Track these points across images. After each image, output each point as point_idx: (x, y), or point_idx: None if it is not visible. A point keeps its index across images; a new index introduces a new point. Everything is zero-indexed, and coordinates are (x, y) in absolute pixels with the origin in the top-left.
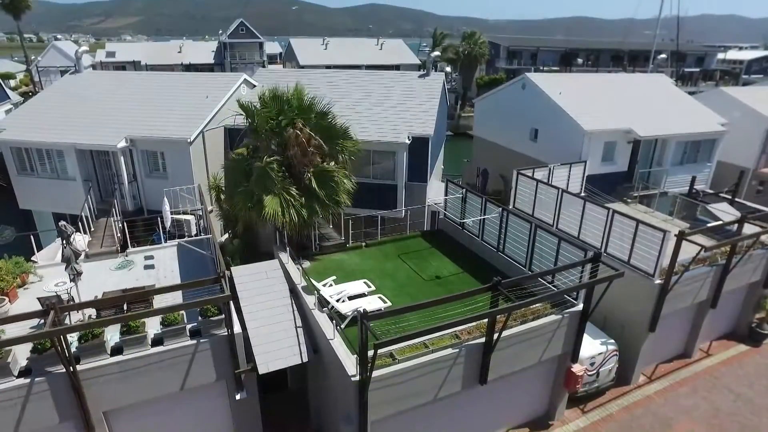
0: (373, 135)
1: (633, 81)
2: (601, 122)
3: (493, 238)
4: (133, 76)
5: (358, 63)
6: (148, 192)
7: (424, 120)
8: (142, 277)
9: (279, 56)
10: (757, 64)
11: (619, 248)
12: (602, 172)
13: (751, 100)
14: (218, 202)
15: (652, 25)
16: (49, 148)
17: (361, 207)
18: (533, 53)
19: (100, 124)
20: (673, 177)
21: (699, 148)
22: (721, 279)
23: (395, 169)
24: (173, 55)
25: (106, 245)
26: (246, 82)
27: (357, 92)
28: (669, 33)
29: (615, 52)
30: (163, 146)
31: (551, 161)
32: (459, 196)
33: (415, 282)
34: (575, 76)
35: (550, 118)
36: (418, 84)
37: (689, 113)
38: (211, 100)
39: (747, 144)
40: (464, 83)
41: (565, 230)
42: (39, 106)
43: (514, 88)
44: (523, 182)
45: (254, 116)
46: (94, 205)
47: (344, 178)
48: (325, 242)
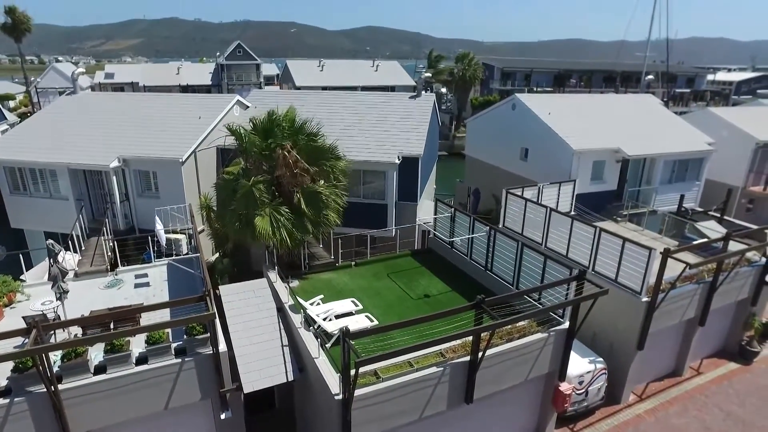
0: (364, 155)
1: (621, 101)
2: (590, 142)
3: (481, 256)
4: (127, 96)
5: (354, 84)
6: (139, 211)
7: (414, 140)
8: (131, 296)
9: (276, 78)
10: (746, 85)
11: (607, 266)
12: (592, 191)
13: (738, 120)
14: (209, 222)
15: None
16: (43, 167)
17: (352, 226)
18: (527, 74)
19: (94, 144)
20: (662, 195)
21: (687, 166)
22: (708, 296)
23: (385, 189)
24: (171, 76)
25: (96, 264)
26: (239, 103)
27: (349, 113)
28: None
29: (607, 73)
30: (155, 166)
31: (541, 180)
32: (448, 216)
33: (403, 301)
34: (564, 97)
35: (539, 138)
36: (409, 105)
37: (677, 133)
38: (203, 121)
39: (735, 163)
40: (459, 104)
41: (554, 249)
42: (34, 126)
43: (505, 108)
44: (512, 201)
45: (242, 139)
46: (85, 224)
47: (334, 197)
48: (315, 261)
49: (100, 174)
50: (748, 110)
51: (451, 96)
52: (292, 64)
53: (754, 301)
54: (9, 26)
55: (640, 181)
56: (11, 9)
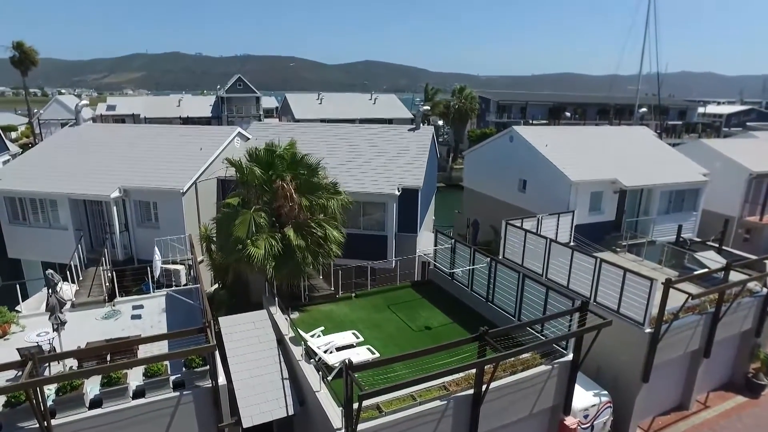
0: (364, 187)
1: (616, 133)
2: (587, 173)
3: (482, 288)
4: (129, 128)
5: (352, 117)
6: (139, 241)
7: (413, 172)
8: (128, 327)
9: (275, 110)
10: (735, 118)
11: (608, 297)
12: (590, 221)
13: (731, 151)
14: (209, 252)
15: (635, 81)
16: (43, 197)
17: (352, 257)
18: (522, 107)
19: (95, 174)
20: (660, 226)
21: (683, 197)
22: (711, 327)
23: (385, 220)
24: (172, 108)
25: (93, 294)
26: (240, 135)
27: (348, 145)
28: (651, 88)
29: (601, 106)
30: (155, 196)
31: (540, 211)
32: (448, 247)
33: (404, 333)
34: (561, 129)
35: (537, 170)
36: (408, 137)
37: (672, 164)
38: (204, 152)
39: (730, 193)
40: (456, 136)
41: (555, 280)
42: (36, 156)
43: (503, 140)
44: (512, 232)
45: (243, 171)
46: (84, 255)
47: (333, 229)
48: (315, 293)
49: (100, 204)
50: (739, 142)
51: (448, 128)
52: (291, 97)
53: (758, 332)
54: (16, 60)
55: (637, 212)
56: (19, 44)
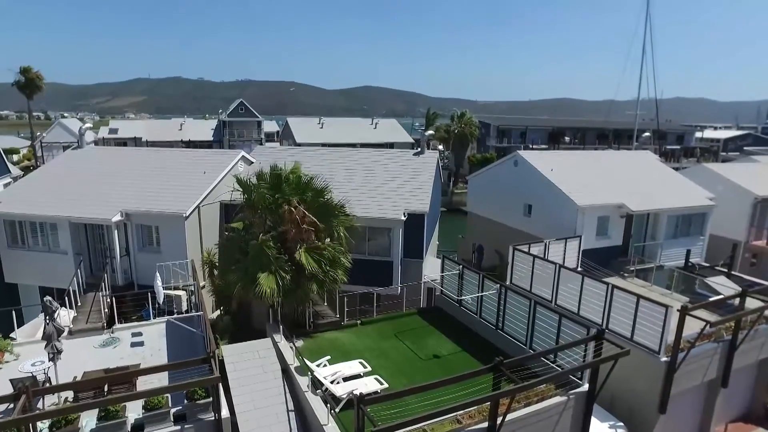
0: (369, 211)
1: (621, 158)
2: (594, 197)
3: (491, 315)
4: (132, 151)
5: (353, 141)
6: (140, 266)
7: (419, 197)
8: (127, 355)
9: (276, 134)
10: (732, 143)
11: (621, 324)
12: (597, 246)
13: (734, 175)
14: (211, 278)
15: (632, 106)
16: (44, 221)
17: (357, 284)
18: (522, 132)
19: (97, 197)
20: (668, 250)
21: (690, 221)
22: (729, 356)
23: (391, 246)
24: (174, 132)
25: (92, 321)
26: (244, 158)
27: (353, 169)
28: (648, 113)
29: (600, 131)
30: (158, 220)
31: (546, 236)
32: (456, 273)
33: (412, 362)
34: (565, 154)
35: (543, 194)
36: (413, 162)
37: (677, 188)
38: (208, 176)
39: (735, 218)
40: (456, 161)
41: (564, 306)
42: (38, 179)
43: (507, 165)
44: (519, 258)
45: (251, 192)
46: (83, 279)
47: (340, 254)
48: (320, 320)
49: (101, 228)
50: (742, 166)
51: (449, 153)
52: (293, 121)
53: None
54: (22, 84)
55: (644, 237)
56: (26, 69)
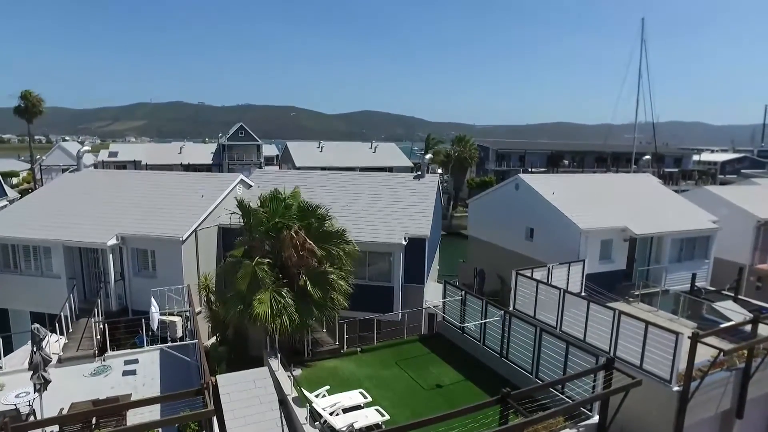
0: (369, 236)
1: (622, 181)
2: (597, 221)
3: (495, 342)
4: (130, 174)
5: (353, 165)
6: (134, 291)
7: (420, 221)
8: (118, 384)
9: (275, 158)
10: (730, 166)
11: (629, 351)
12: (601, 270)
13: (736, 198)
14: (207, 304)
15: (629, 130)
16: (37, 244)
17: (356, 310)
18: (521, 155)
19: (92, 221)
20: (673, 274)
21: (695, 245)
22: (743, 385)
23: (392, 271)
24: (173, 155)
25: (83, 348)
26: (242, 182)
27: (353, 193)
28: (645, 136)
29: (598, 154)
30: (154, 244)
31: (548, 260)
32: (458, 298)
33: (414, 392)
34: (567, 177)
35: (545, 218)
36: (413, 185)
37: (680, 211)
38: (206, 200)
39: (739, 241)
40: (456, 184)
41: (569, 332)
42: (33, 202)
43: (508, 188)
44: (522, 283)
45: (250, 216)
46: (76, 305)
47: (340, 280)
48: (319, 347)
49: (96, 252)
50: (743, 189)
51: (448, 177)
52: (292, 145)
53: None
54: (22, 109)
55: (648, 260)
56: (27, 93)
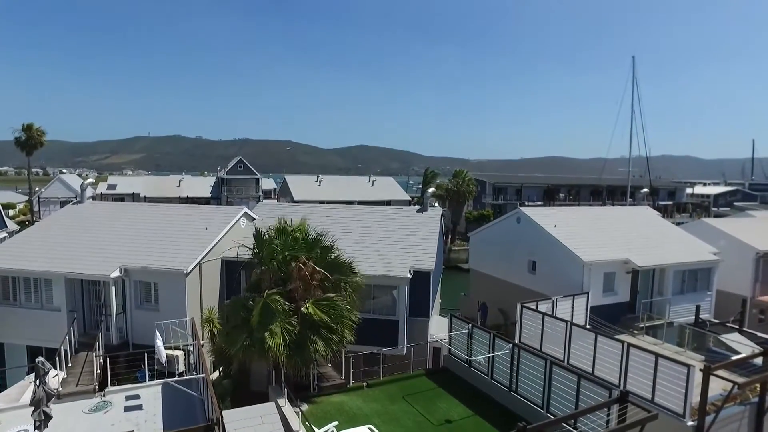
0: (374, 269)
1: (621, 213)
2: (599, 253)
3: (503, 376)
4: (133, 206)
5: (351, 199)
6: (136, 324)
7: (424, 254)
8: (119, 421)
9: (273, 192)
10: (722, 198)
11: (640, 385)
12: (605, 303)
13: (733, 230)
14: (211, 338)
15: (622, 164)
16: (38, 276)
17: (362, 344)
18: (518, 189)
19: (95, 253)
20: (676, 306)
21: (697, 276)
22: (758, 420)
23: (397, 304)
24: (172, 188)
25: (82, 383)
26: (246, 215)
27: (356, 227)
28: (639, 170)
29: (593, 188)
30: (157, 277)
31: (551, 293)
32: (465, 332)
33: (423, 428)
34: (567, 210)
35: (547, 251)
36: (417, 219)
37: (680, 243)
38: (210, 232)
39: (739, 273)
40: (453, 218)
41: (577, 365)
42: (35, 234)
43: (509, 221)
44: (528, 315)
45: (263, 247)
46: (75, 338)
47: (348, 311)
48: (325, 382)
49: (98, 284)
50: (739, 221)
51: (446, 210)
52: (290, 178)
53: None
54: (23, 141)
55: (651, 292)
56: (28, 126)
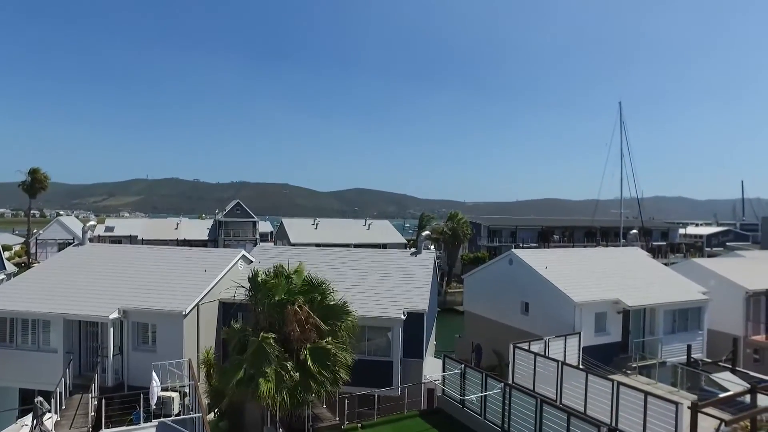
0: (369, 310)
1: (611, 254)
2: (590, 294)
3: (496, 416)
4: (132, 248)
5: (347, 242)
6: (132, 366)
7: (418, 296)
8: None
9: (270, 234)
10: (715, 238)
11: (630, 423)
12: (597, 343)
13: (723, 270)
14: (207, 378)
15: (615, 205)
16: (36, 317)
17: (356, 384)
18: (512, 231)
19: (95, 294)
20: (668, 346)
21: (687, 316)
22: None
23: (391, 345)
24: (170, 231)
25: (76, 425)
26: (244, 257)
27: (351, 269)
28: (632, 211)
29: (587, 229)
30: (155, 318)
31: (544, 333)
32: (458, 372)
33: None
34: (558, 251)
35: (539, 292)
36: (411, 261)
37: (670, 283)
38: (208, 274)
39: (730, 312)
40: (449, 260)
41: (570, 405)
42: (36, 276)
43: (502, 263)
44: (520, 356)
45: (258, 290)
46: (70, 380)
47: (343, 353)
48: (319, 423)
49: (96, 326)
50: (729, 261)
51: (441, 253)
52: (287, 221)
53: None
54: (27, 185)
55: (643, 332)
56: (35, 170)
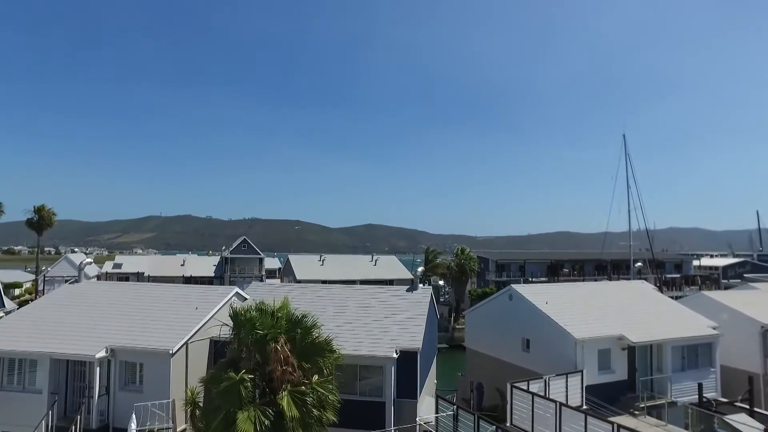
0: (360, 349)
1: (615, 288)
2: (592, 330)
3: None
4: (127, 286)
5: (353, 278)
6: (118, 406)
7: (412, 333)
8: None
9: (277, 271)
10: (731, 270)
11: None
12: (602, 381)
13: (736, 303)
14: (192, 419)
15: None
16: (23, 357)
17: (346, 426)
18: (521, 265)
19: (83, 333)
20: (679, 384)
21: (697, 352)
22: None
23: (383, 385)
24: (176, 267)
25: None
26: (238, 295)
27: (344, 306)
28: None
29: (597, 262)
30: (143, 357)
31: (546, 371)
32: (451, 414)
33: None
34: (560, 286)
35: (540, 328)
36: (405, 298)
37: (677, 317)
38: (199, 312)
39: (745, 348)
40: (457, 296)
41: None
42: (29, 314)
43: (502, 299)
44: (518, 396)
45: (240, 327)
46: (54, 422)
47: (328, 393)
48: None
49: (84, 365)
50: (742, 293)
51: (449, 288)
52: (294, 258)
53: None
54: (34, 222)
55: (650, 369)
56: (40, 207)
